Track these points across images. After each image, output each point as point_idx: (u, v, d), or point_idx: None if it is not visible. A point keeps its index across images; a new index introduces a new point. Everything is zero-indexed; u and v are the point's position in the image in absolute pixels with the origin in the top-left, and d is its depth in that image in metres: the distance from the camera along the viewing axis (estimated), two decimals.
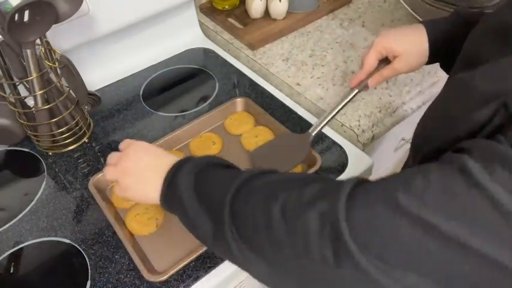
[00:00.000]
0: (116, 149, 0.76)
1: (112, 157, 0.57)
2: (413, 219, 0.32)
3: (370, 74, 0.70)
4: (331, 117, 0.70)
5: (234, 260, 0.45)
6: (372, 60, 0.69)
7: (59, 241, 0.64)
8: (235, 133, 0.78)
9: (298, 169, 0.70)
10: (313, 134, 0.69)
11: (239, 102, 0.82)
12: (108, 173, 0.55)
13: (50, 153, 0.77)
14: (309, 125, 0.78)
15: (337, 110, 0.69)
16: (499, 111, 0.34)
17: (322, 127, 0.70)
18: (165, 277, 0.56)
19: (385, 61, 0.70)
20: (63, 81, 0.73)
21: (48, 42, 0.70)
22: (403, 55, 0.66)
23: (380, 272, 0.33)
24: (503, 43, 0.40)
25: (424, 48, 0.65)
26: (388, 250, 0.33)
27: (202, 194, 0.47)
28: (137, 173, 0.53)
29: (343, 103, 0.69)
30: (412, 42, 0.66)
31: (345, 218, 0.34)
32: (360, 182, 0.37)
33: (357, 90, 0.70)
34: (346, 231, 0.33)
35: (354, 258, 0.33)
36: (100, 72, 0.92)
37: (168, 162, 0.52)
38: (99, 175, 0.69)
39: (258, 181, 0.44)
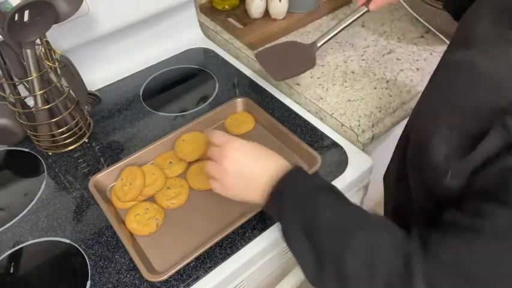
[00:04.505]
0: (116, 149, 0.77)
1: (213, 152, 0.58)
2: None
3: None
4: (339, 31, 0.71)
5: None
6: None
7: (59, 241, 0.64)
8: (235, 133, 0.78)
9: None
10: (319, 45, 0.71)
11: (239, 102, 0.81)
12: (209, 168, 0.58)
13: (50, 153, 0.77)
14: (309, 124, 0.78)
15: (345, 25, 0.71)
16: None
17: (329, 39, 0.71)
18: (165, 277, 0.56)
19: None
20: (63, 81, 0.73)
21: (48, 42, 0.70)
22: None
23: None
24: (503, 24, 0.42)
25: None
26: None
27: (308, 228, 0.48)
28: (239, 174, 0.55)
29: (352, 19, 0.72)
30: None
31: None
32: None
33: (366, 9, 0.73)
34: None
35: None
36: (100, 72, 0.92)
37: (278, 167, 0.54)
38: (99, 175, 0.69)
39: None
